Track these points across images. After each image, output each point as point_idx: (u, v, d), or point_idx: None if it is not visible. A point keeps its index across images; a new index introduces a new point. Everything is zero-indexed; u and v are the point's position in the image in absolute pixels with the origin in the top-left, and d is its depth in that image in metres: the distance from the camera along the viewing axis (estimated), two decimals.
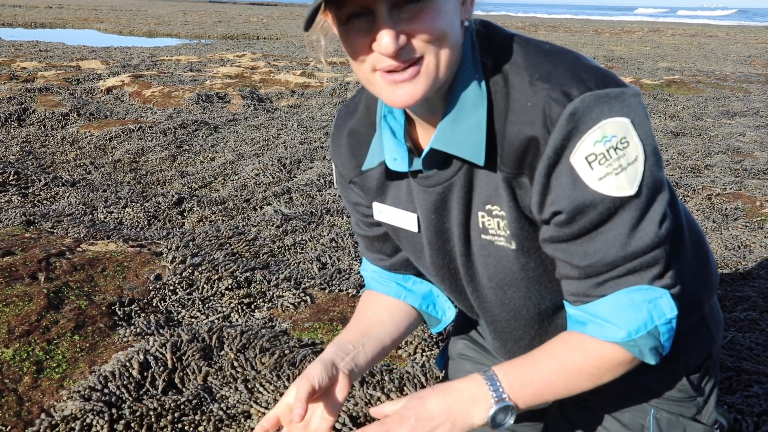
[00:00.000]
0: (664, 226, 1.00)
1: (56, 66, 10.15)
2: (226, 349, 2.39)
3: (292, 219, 3.93)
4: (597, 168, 0.95)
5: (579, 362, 1.06)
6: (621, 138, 0.95)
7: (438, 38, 0.94)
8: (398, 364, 2.38)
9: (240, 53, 13.24)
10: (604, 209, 0.97)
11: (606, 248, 0.99)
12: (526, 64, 1.01)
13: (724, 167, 5.42)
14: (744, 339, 2.58)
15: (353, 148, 1.25)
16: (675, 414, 1.27)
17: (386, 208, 1.24)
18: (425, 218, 1.18)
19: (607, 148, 0.95)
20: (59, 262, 2.91)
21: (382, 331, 1.34)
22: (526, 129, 0.98)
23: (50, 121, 6.57)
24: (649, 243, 0.99)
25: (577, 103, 0.94)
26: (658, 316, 1.02)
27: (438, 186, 1.12)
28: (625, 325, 1.02)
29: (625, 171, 0.95)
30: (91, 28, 24.48)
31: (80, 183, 4.61)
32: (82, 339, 2.42)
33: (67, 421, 1.97)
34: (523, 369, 1.08)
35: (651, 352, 1.04)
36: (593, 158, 0.95)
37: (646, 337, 1.02)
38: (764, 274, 3.26)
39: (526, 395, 1.06)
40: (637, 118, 0.96)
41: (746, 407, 2.13)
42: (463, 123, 1.02)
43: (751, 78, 12.00)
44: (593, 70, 0.98)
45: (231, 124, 6.83)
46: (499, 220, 1.08)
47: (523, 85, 0.99)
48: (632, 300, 1.01)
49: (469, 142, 1.02)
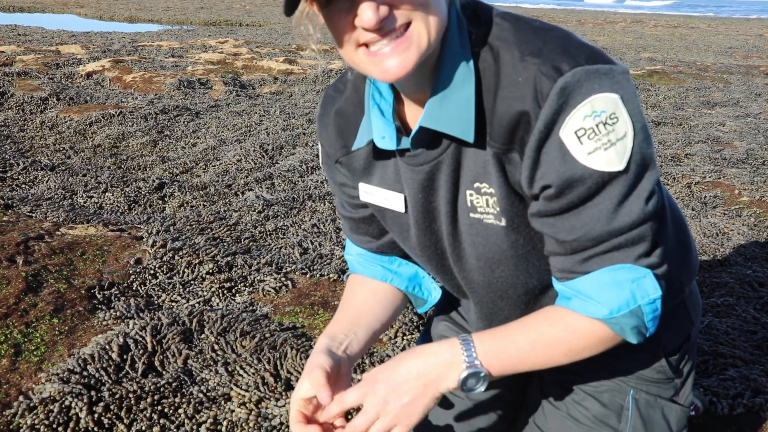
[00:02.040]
0: (651, 203, 1.00)
1: (35, 50, 10.01)
2: (206, 332, 2.39)
3: (273, 204, 3.92)
4: (586, 142, 0.95)
5: (556, 336, 1.07)
6: (610, 113, 0.95)
7: (422, 3, 0.93)
8: (379, 347, 2.39)
9: (222, 40, 13.12)
10: (592, 184, 0.97)
11: (591, 223, 0.99)
12: (517, 41, 1.00)
13: (704, 156, 5.47)
14: (721, 324, 2.61)
15: (340, 128, 1.24)
16: (653, 395, 1.29)
17: (372, 188, 1.24)
18: (412, 198, 1.17)
19: (596, 123, 0.95)
20: (38, 245, 2.88)
21: (372, 318, 1.34)
22: (517, 104, 0.97)
23: (29, 106, 6.49)
24: (635, 219, 0.98)
25: (567, 77, 0.94)
26: (642, 295, 1.02)
27: (426, 165, 1.11)
28: (607, 302, 1.02)
29: (614, 146, 0.95)
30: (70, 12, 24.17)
31: (59, 167, 4.56)
32: (61, 322, 2.40)
33: (45, 403, 1.96)
34: (500, 338, 1.08)
35: (633, 331, 1.04)
36: (582, 132, 0.95)
37: (628, 316, 1.02)
38: (741, 260, 3.30)
39: (500, 363, 1.08)
40: (626, 95, 0.96)
41: (722, 390, 2.16)
42: (451, 100, 1.01)
43: (731, 69, 12.09)
44: (583, 47, 0.98)
45: (213, 110, 6.78)
46: (488, 197, 1.08)
47: (513, 60, 0.99)
48: (615, 278, 1.01)
49: (459, 119, 1.02)
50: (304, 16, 1.03)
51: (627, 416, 1.28)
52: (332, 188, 1.37)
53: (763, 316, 2.69)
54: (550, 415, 1.35)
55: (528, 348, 1.07)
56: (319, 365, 1.17)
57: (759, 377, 2.21)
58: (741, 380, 2.21)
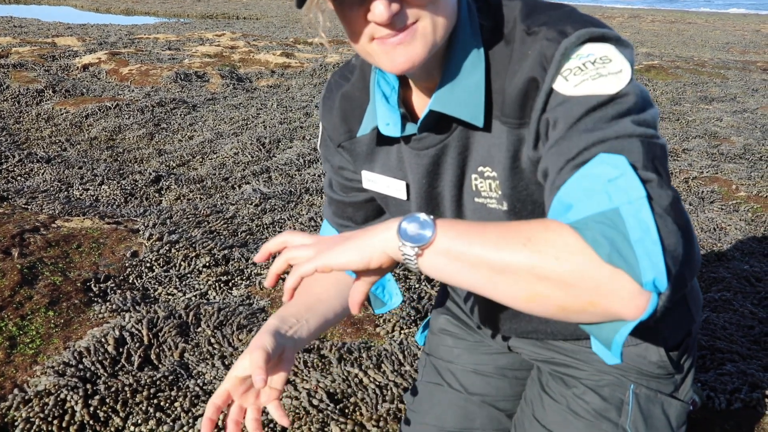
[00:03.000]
0: (652, 131, 0.88)
1: (31, 42, 9.96)
2: (203, 325, 2.38)
3: (270, 198, 3.91)
4: (572, 79, 0.93)
5: (521, 224, 0.84)
6: (601, 56, 0.93)
7: (431, 1, 0.93)
8: (376, 341, 2.38)
9: (219, 32, 13.08)
10: (581, 108, 0.90)
11: (578, 138, 0.89)
12: (523, 18, 1.00)
13: (702, 151, 5.47)
14: (718, 319, 2.61)
15: (345, 112, 1.23)
16: (653, 390, 1.29)
17: (375, 176, 1.23)
18: (416, 183, 1.16)
19: (583, 62, 0.93)
20: (33, 238, 2.86)
21: (327, 307, 1.32)
22: (527, 73, 0.97)
23: (25, 98, 6.46)
24: (626, 132, 0.87)
25: (572, 38, 0.93)
26: (618, 196, 0.80)
27: (431, 148, 1.10)
28: (578, 203, 0.83)
29: (604, 77, 0.91)
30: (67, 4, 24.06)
31: (55, 160, 4.54)
32: (56, 315, 2.39)
33: (40, 396, 1.95)
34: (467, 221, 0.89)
35: (608, 245, 0.77)
36: (568, 72, 0.93)
37: (600, 222, 0.79)
38: (739, 255, 3.30)
39: (451, 228, 0.84)
40: (624, 52, 0.94)
41: (719, 385, 2.16)
42: (461, 85, 1.01)
43: (728, 64, 12.09)
44: (590, 17, 0.98)
45: (210, 103, 6.76)
46: (491, 181, 1.07)
47: (522, 36, 0.99)
48: (589, 179, 0.84)
49: (468, 103, 1.02)
50: (314, 5, 1.03)
51: (627, 410, 1.27)
52: (325, 168, 1.35)
53: (761, 311, 2.69)
54: (549, 408, 1.35)
55: (489, 226, 0.84)
56: (261, 345, 1.12)
57: (756, 372, 2.21)
58: (738, 375, 2.21)
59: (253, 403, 1.18)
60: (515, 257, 0.79)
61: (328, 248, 0.89)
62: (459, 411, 1.45)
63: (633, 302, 0.77)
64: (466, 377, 1.48)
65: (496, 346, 1.47)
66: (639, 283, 0.76)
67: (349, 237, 0.90)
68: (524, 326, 1.33)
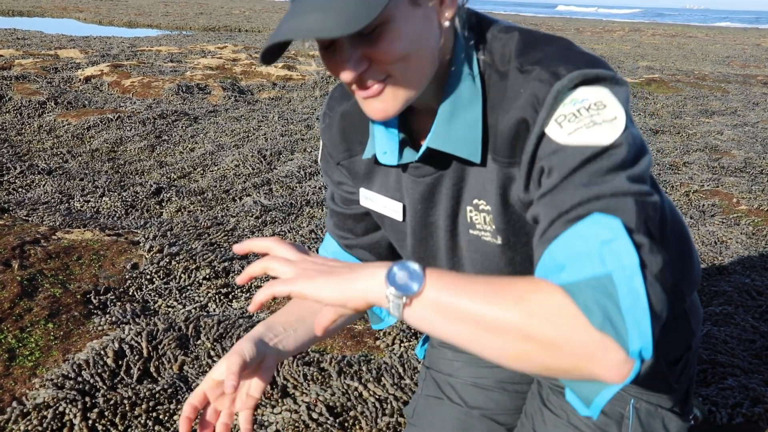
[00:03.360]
0: (644, 187, 0.87)
1: (34, 54, 10.00)
2: (202, 338, 2.37)
3: (271, 210, 3.91)
4: (566, 125, 0.91)
5: (512, 282, 0.82)
6: (595, 101, 0.92)
7: (400, 58, 0.93)
8: (376, 354, 2.38)
9: (221, 45, 13.13)
10: (575, 160, 0.89)
11: (572, 190, 0.88)
12: (518, 53, 0.99)
13: (702, 164, 5.47)
14: (719, 333, 2.60)
15: (345, 131, 1.23)
16: (654, 404, 1.29)
17: (373, 194, 1.24)
18: (412, 208, 1.17)
19: (577, 108, 0.91)
20: (34, 249, 2.86)
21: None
22: (518, 113, 0.96)
23: (27, 110, 6.48)
24: (618, 189, 0.86)
25: (564, 81, 0.92)
26: (612, 260, 0.80)
27: (428, 177, 1.11)
28: (569, 264, 0.82)
29: (598, 126, 0.90)
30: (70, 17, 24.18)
31: (57, 171, 4.55)
32: (56, 327, 2.38)
33: (39, 409, 1.94)
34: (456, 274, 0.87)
35: (599, 311, 0.77)
36: (562, 118, 0.92)
37: (591, 286, 0.79)
38: (740, 269, 3.30)
39: (440, 279, 0.83)
40: (618, 95, 0.93)
41: (720, 399, 2.15)
42: (458, 120, 1.01)
43: (729, 78, 12.12)
44: (584, 55, 0.97)
45: (211, 115, 6.78)
46: (485, 214, 1.07)
47: (515, 73, 0.98)
48: (581, 239, 0.83)
49: (466, 140, 1.01)
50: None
51: (627, 425, 1.27)
52: (326, 182, 1.36)
53: (762, 325, 2.68)
54: (550, 422, 1.34)
55: (480, 280, 0.83)
56: (239, 351, 1.13)
57: (758, 387, 2.20)
58: (740, 390, 2.20)
59: (228, 407, 1.18)
60: (506, 316, 0.79)
61: (308, 276, 0.86)
62: (459, 425, 1.44)
63: (618, 369, 0.78)
64: (466, 391, 1.48)
65: None
66: (626, 351, 0.77)
67: (333, 271, 0.86)
68: None
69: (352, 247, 1.37)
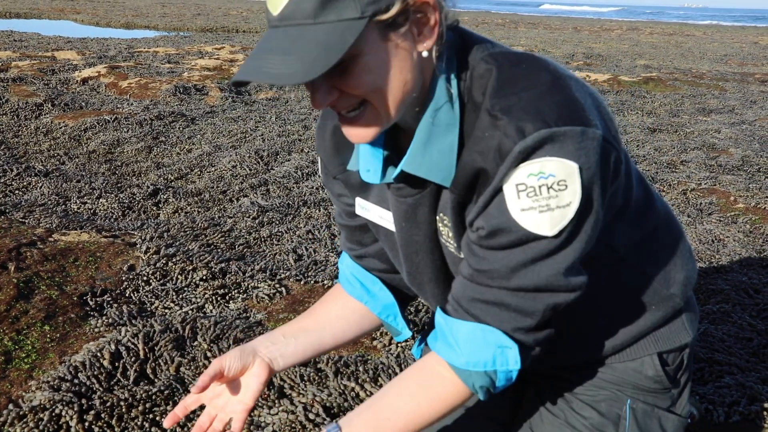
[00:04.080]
0: (569, 278, 1.00)
1: (31, 56, 10.00)
2: (199, 339, 2.37)
3: (268, 211, 3.91)
4: (524, 199, 0.94)
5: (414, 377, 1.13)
6: (559, 180, 0.92)
7: (371, 91, 0.94)
8: (373, 354, 2.37)
9: (219, 46, 13.13)
10: (516, 238, 0.97)
11: (501, 266, 1.00)
12: (493, 91, 0.98)
13: (700, 163, 5.47)
14: (717, 331, 2.60)
15: (337, 146, 1.24)
16: (650, 404, 1.29)
17: (369, 205, 1.25)
18: (397, 225, 1.19)
19: (540, 184, 0.93)
20: (30, 251, 2.86)
21: (325, 331, 1.37)
22: (479, 160, 0.98)
23: (24, 111, 6.47)
24: (540, 284, 0.99)
25: (528, 141, 0.92)
26: (501, 363, 1.04)
27: (409, 198, 1.12)
28: (467, 354, 1.04)
29: (551, 211, 0.94)
30: (67, 18, 24.15)
31: (53, 173, 4.54)
32: (52, 329, 2.38)
33: (35, 411, 1.93)
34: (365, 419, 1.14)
35: (481, 390, 1.07)
36: (523, 188, 0.94)
37: (482, 376, 1.05)
38: (737, 267, 3.30)
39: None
40: (587, 164, 0.93)
41: (717, 398, 2.14)
42: (434, 146, 1.02)
43: (726, 76, 12.13)
44: (559, 105, 0.94)
45: (208, 116, 6.77)
46: (448, 229, 1.11)
47: (485, 114, 0.98)
48: (485, 338, 1.03)
49: (440, 166, 1.02)
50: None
51: (624, 425, 1.27)
52: (330, 197, 1.39)
53: (759, 324, 2.68)
54: (547, 422, 1.34)
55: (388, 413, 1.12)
56: (221, 358, 1.25)
57: (755, 385, 2.20)
58: (737, 388, 2.20)
59: (221, 410, 1.28)
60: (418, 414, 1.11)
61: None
62: (455, 424, 1.44)
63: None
64: None
65: None
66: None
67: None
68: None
69: (361, 257, 1.39)
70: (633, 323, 1.25)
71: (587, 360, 1.30)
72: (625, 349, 1.28)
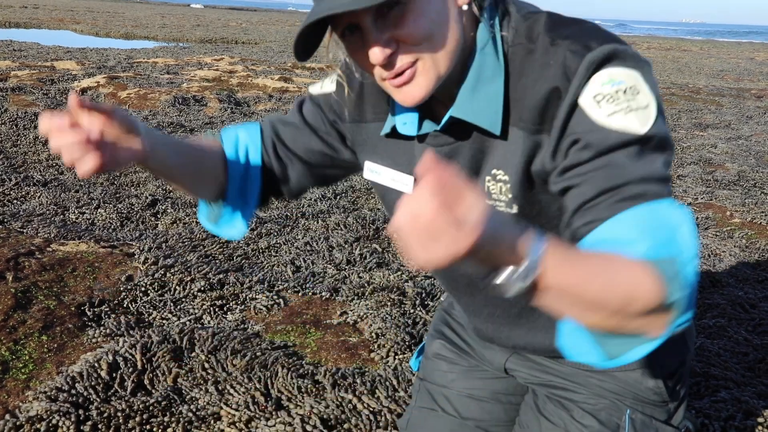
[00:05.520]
0: (669, 179, 0.96)
1: (30, 66, 10.02)
2: (197, 350, 2.37)
3: (266, 222, 3.91)
4: (605, 106, 0.95)
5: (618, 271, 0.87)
6: (631, 86, 0.96)
7: (425, 37, 0.96)
8: (370, 366, 2.38)
9: (218, 57, 13.17)
10: (614, 141, 0.94)
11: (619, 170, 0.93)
12: (548, 30, 1.03)
13: (696, 178, 5.50)
14: (713, 345, 2.61)
15: (363, 96, 1.23)
16: (648, 416, 1.29)
17: (380, 168, 1.24)
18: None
19: (615, 90, 0.96)
20: (28, 261, 2.86)
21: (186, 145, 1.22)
22: (549, 83, 0.99)
23: (23, 121, 6.48)
24: (659, 175, 0.93)
25: (596, 53, 0.96)
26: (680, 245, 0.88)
27: (446, 146, 1.13)
28: (644, 237, 0.88)
29: (634, 112, 0.95)
30: (66, 29, 24.22)
31: (52, 183, 4.55)
32: (50, 339, 2.38)
33: (32, 421, 1.93)
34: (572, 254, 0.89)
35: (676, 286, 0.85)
36: (601, 97, 0.96)
37: (669, 262, 0.86)
38: (733, 282, 3.31)
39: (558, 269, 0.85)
40: (647, 77, 0.97)
41: (713, 412, 2.15)
42: (481, 93, 1.04)
43: (723, 91, 12.19)
44: (613, 35, 1.01)
45: (207, 127, 6.79)
46: (502, 184, 1.09)
47: (545, 47, 1.01)
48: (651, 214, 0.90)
49: (487, 112, 1.05)
50: (332, 42, 1.07)
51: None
52: (292, 118, 1.31)
53: (755, 338, 2.69)
54: (547, 430, 1.35)
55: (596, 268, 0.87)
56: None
57: (751, 399, 2.21)
58: (733, 402, 2.20)
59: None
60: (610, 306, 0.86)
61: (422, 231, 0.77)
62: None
63: (664, 329, 0.88)
64: (461, 402, 1.48)
65: (491, 370, 1.47)
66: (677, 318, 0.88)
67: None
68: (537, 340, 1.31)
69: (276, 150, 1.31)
70: None
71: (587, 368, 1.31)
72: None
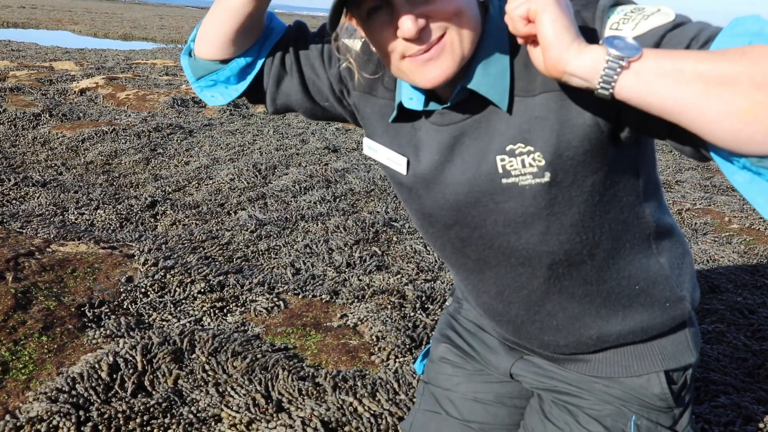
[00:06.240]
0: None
1: (28, 66, 10.01)
2: (197, 352, 2.37)
3: (266, 224, 3.91)
4: (624, 27, 0.96)
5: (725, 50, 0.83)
6: (635, 7, 0.98)
7: (456, 14, 0.98)
8: (371, 369, 2.38)
9: None
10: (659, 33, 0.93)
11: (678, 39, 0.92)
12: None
13: (695, 183, 5.51)
14: (712, 351, 2.61)
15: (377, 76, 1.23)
16: (654, 422, 1.30)
17: (378, 146, 1.25)
18: (427, 159, 1.17)
19: (624, 14, 0.97)
20: (28, 262, 2.86)
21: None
22: None
23: (21, 121, 6.47)
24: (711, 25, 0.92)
25: (604, 0, 0.98)
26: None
27: (452, 125, 1.13)
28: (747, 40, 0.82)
29: (653, 16, 0.96)
30: (65, 29, 24.20)
31: (51, 184, 4.54)
32: (50, 340, 2.38)
33: (32, 422, 1.93)
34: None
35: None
36: (617, 24, 0.97)
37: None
38: (732, 287, 3.32)
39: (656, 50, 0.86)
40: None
41: (713, 417, 2.15)
42: (491, 68, 1.06)
43: None
44: None
45: (206, 128, 6.79)
46: (525, 156, 1.07)
47: None
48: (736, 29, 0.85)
49: (496, 87, 1.06)
50: (343, 31, 1.07)
51: None
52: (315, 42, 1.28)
53: (754, 344, 2.69)
54: None
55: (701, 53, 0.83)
56: None
57: (750, 405, 2.21)
58: (732, 408, 2.21)
59: None
60: (735, 68, 0.78)
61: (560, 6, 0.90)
62: None
63: None
64: (465, 405, 1.48)
65: (496, 374, 1.47)
66: None
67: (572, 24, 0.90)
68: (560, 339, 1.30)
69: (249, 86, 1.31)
70: (648, 312, 1.24)
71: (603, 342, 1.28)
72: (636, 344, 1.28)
